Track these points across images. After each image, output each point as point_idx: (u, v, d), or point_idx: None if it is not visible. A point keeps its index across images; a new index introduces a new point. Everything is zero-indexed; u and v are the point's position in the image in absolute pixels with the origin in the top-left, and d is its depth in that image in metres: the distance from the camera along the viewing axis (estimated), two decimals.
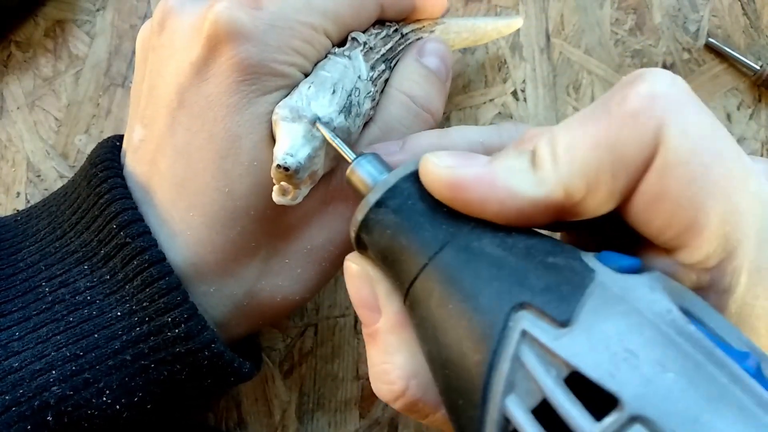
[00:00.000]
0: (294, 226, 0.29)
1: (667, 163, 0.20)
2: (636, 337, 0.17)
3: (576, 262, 0.20)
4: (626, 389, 0.17)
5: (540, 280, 0.19)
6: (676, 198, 0.20)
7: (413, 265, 0.21)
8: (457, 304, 0.20)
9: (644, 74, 0.21)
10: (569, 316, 0.18)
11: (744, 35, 0.38)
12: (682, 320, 0.18)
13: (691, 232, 0.20)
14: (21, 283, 0.27)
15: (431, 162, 0.22)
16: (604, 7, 0.39)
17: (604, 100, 0.22)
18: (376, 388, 0.24)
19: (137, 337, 0.26)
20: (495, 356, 0.19)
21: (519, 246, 0.21)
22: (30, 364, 0.25)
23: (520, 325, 0.19)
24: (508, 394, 0.18)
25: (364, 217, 0.23)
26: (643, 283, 0.19)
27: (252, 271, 0.28)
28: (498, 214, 0.21)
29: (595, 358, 0.17)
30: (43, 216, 0.30)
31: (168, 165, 0.28)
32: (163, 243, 0.27)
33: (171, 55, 0.28)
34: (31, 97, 0.40)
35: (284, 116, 0.26)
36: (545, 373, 0.18)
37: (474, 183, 0.21)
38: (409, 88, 0.30)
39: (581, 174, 0.21)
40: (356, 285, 0.24)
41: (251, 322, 0.30)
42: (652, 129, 0.20)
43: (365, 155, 0.24)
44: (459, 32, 0.35)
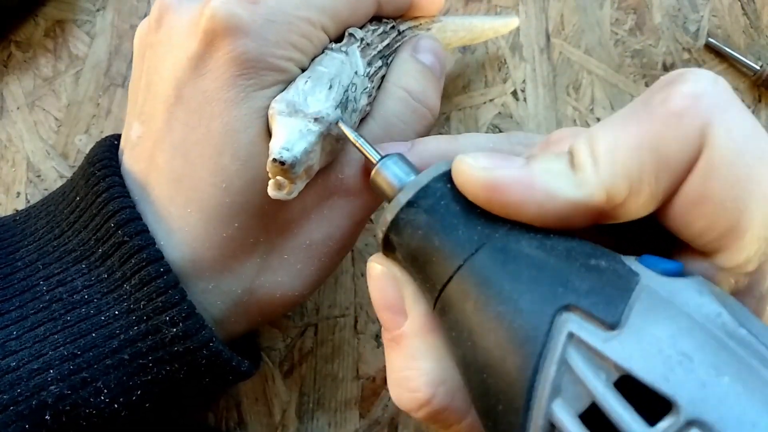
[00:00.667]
0: (292, 221, 0.29)
1: (712, 164, 0.20)
2: (689, 341, 0.17)
3: (619, 265, 0.20)
4: (682, 393, 0.16)
5: (584, 282, 0.19)
6: (719, 200, 0.20)
7: (447, 266, 0.21)
8: (496, 306, 0.19)
9: (686, 74, 0.21)
10: (618, 318, 0.18)
11: (744, 35, 0.38)
12: (732, 324, 0.18)
13: (733, 234, 0.20)
14: (18, 282, 0.27)
15: (466, 163, 0.21)
16: (604, 7, 0.39)
17: (644, 100, 0.21)
18: (397, 395, 0.23)
19: (135, 336, 0.26)
20: (540, 359, 0.18)
21: (559, 248, 0.20)
22: (27, 364, 0.25)
23: (566, 327, 0.18)
24: (555, 399, 0.18)
25: (395, 217, 0.22)
26: (690, 286, 0.19)
27: (250, 267, 0.28)
28: (536, 217, 0.21)
29: (647, 362, 0.17)
30: (41, 215, 0.30)
31: (165, 161, 0.28)
32: (160, 240, 0.27)
33: (168, 51, 0.28)
34: (31, 97, 0.40)
35: (281, 110, 0.26)
36: (594, 376, 0.17)
37: (512, 185, 0.21)
38: (406, 84, 0.30)
39: (624, 175, 0.20)
40: (381, 286, 0.24)
41: (250, 318, 0.30)
42: (697, 129, 0.20)
43: (390, 156, 0.24)
44: (456, 31, 0.35)
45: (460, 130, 0.38)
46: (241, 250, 0.28)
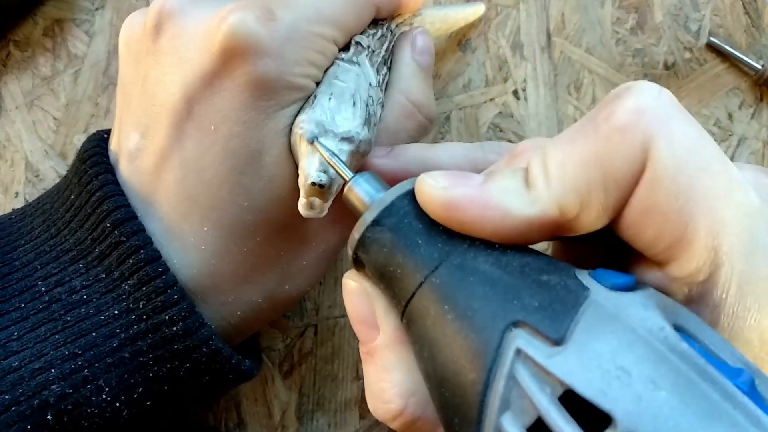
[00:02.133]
0: (311, 232, 0.29)
1: (655, 176, 0.20)
2: (628, 355, 0.17)
3: (570, 279, 0.20)
4: (618, 407, 0.17)
5: (534, 299, 0.19)
6: (664, 211, 0.20)
7: (410, 283, 0.21)
8: (452, 322, 0.20)
9: (630, 88, 0.21)
10: (563, 334, 0.18)
11: (745, 34, 0.38)
12: (674, 338, 0.18)
13: (681, 245, 0.21)
14: (17, 282, 0.27)
15: (427, 182, 0.22)
16: (605, 6, 0.39)
17: (591, 116, 0.22)
18: (373, 407, 0.23)
19: (135, 335, 0.26)
20: (490, 374, 0.19)
21: (513, 264, 0.21)
22: (29, 363, 0.25)
23: (514, 343, 0.19)
24: (504, 412, 0.18)
25: (361, 235, 0.23)
26: (637, 300, 0.19)
27: (272, 278, 0.29)
28: (493, 234, 0.21)
29: (587, 376, 0.17)
30: (37, 214, 0.30)
31: (176, 179, 0.27)
32: (174, 256, 0.27)
33: (174, 63, 0.27)
34: (29, 96, 0.40)
35: (311, 131, 0.26)
36: (540, 391, 0.18)
37: (469, 203, 0.21)
38: (415, 97, 0.31)
39: (573, 191, 0.21)
40: (354, 302, 0.24)
41: (266, 320, 0.30)
42: (639, 143, 0.20)
43: (363, 174, 0.24)
44: (433, 23, 0.35)
45: (461, 129, 0.38)
46: (262, 264, 0.28)
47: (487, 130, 0.38)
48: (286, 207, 0.27)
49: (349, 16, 0.29)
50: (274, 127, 0.27)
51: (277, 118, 0.27)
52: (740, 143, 0.37)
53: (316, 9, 0.27)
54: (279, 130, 0.27)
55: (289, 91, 0.27)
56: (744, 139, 0.37)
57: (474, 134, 0.38)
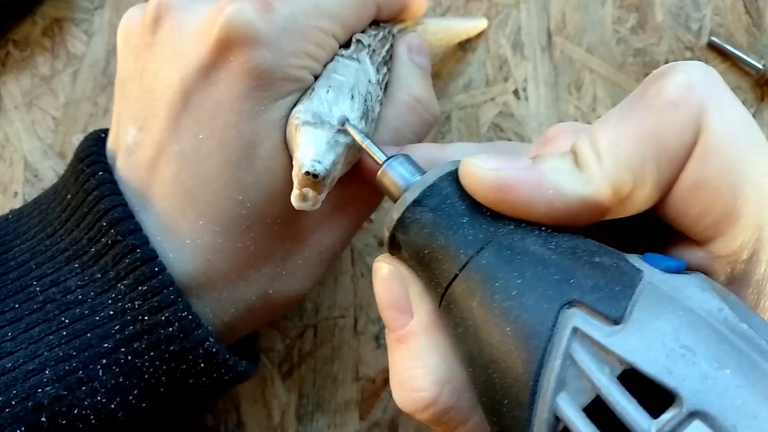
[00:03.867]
0: (307, 229, 0.29)
1: (708, 149, 0.20)
2: (691, 334, 0.17)
3: (622, 262, 0.20)
4: (685, 385, 0.16)
5: (589, 279, 0.19)
6: (715, 185, 0.20)
7: (452, 264, 0.21)
8: (502, 302, 0.20)
9: (678, 65, 0.22)
10: (621, 313, 0.18)
11: (746, 34, 0.38)
12: (734, 319, 0.18)
13: (728, 220, 0.21)
14: (12, 283, 0.27)
15: (473, 164, 0.22)
16: (605, 6, 0.39)
17: (639, 94, 0.22)
18: (402, 397, 0.23)
19: (130, 336, 0.26)
20: (545, 354, 0.18)
21: (563, 246, 0.20)
22: (23, 365, 0.25)
23: (571, 322, 0.18)
24: (559, 392, 0.18)
25: (401, 216, 0.22)
26: (693, 282, 0.19)
27: (266, 275, 0.28)
28: (545, 215, 0.21)
29: (651, 355, 0.17)
30: (34, 214, 0.30)
31: (173, 172, 0.27)
32: (169, 251, 0.27)
33: (172, 56, 0.27)
34: (28, 96, 0.40)
35: (306, 121, 0.26)
36: (599, 370, 0.18)
37: (521, 184, 0.21)
38: (416, 93, 0.31)
39: (627, 168, 0.21)
40: (388, 286, 0.24)
41: (260, 321, 0.30)
42: (693, 117, 0.20)
43: (396, 157, 0.24)
44: (435, 33, 0.36)
45: (461, 129, 0.38)
46: (256, 259, 0.28)
47: (487, 130, 0.38)
48: (281, 201, 0.26)
49: (348, 12, 0.29)
50: (270, 119, 0.26)
51: (273, 109, 0.27)
52: None
53: (314, 3, 0.27)
54: (274, 122, 0.27)
55: (285, 82, 0.26)
56: None
57: (474, 134, 0.38)
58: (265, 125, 0.26)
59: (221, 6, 0.26)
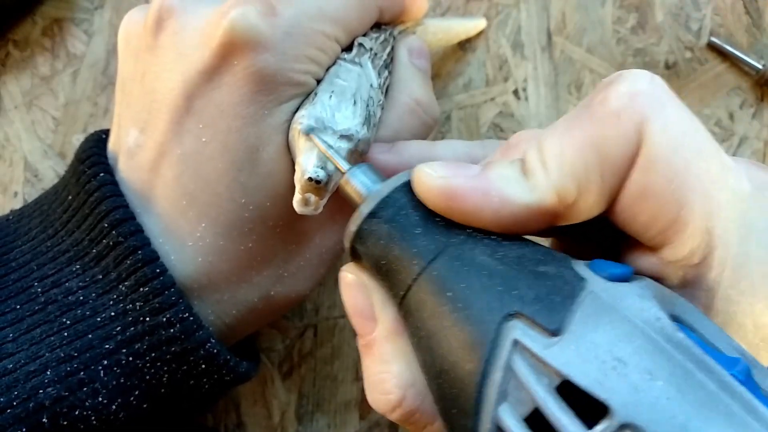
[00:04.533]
0: (309, 231, 0.29)
1: (650, 159, 0.21)
2: (625, 346, 0.18)
3: (567, 270, 0.20)
4: (615, 397, 0.17)
5: (531, 290, 0.19)
6: (659, 193, 0.21)
7: (407, 275, 0.21)
8: (449, 313, 0.20)
9: (623, 74, 0.22)
10: (560, 325, 0.18)
11: (746, 34, 0.38)
12: (671, 328, 0.18)
13: (675, 227, 0.21)
14: (13, 284, 0.27)
15: (425, 172, 0.22)
16: (605, 6, 0.39)
17: (586, 103, 0.22)
18: (372, 399, 0.23)
19: (132, 337, 0.26)
20: (487, 365, 0.19)
21: (510, 255, 0.21)
22: (24, 366, 0.25)
23: (511, 334, 0.19)
24: (501, 403, 0.18)
25: (358, 228, 0.23)
26: (633, 291, 0.19)
27: (268, 277, 0.28)
28: (492, 222, 0.21)
29: (584, 367, 0.17)
30: (35, 215, 0.30)
31: (175, 174, 0.27)
32: (171, 252, 0.27)
33: (174, 59, 0.27)
34: (28, 96, 0.40)
35: (310, 127, 0.26)
36: (537, 381, 0.18)
37: (468, 192, 0.21)
38: (418, 96, 0.31)
39: (571, 177, 0.21)
40: (352, 294, 0.24)
41: (262, 321, 0.30)
42: (634, 126, 0.21)
43: (359, 165, 0.24)
44: (435, 33, 0.36)
45: (461, 129, 0.38)
46: (258, 261, 0.28)
47: (487, 130, 0.38)
48: (283, 204, 0.26)
49: (351, 16, 0.29)
50: (273, 123, 0.27)
51: (276, 113, 0.27)
52: (741, 143, 0.37)
53: (318, 6, 0.27)
54: (277, 126, 0.27)
55: (288, 86, 0.27)
56: (745, 138, 0.37)
57: (474, 134, 0.38)
58: (268, 129, 0.26)
59: (225, 9, 0.26)
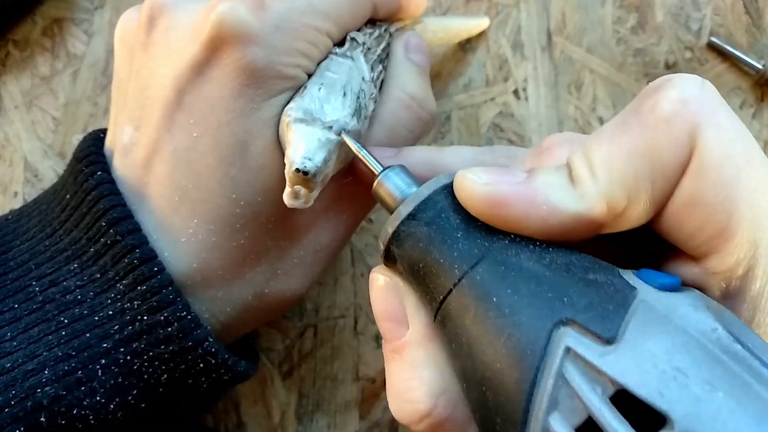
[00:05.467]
0: (302, 227, 0.29)
1: (702, 166, 0.20)
2: (684, 356, 0.17)
3: (617, 279, 0.20)
4: (676, 408, 0.16)
5: (582, 297, 0.19)
6: (709, 202, 0.20)
7: (447, 279, 0.21)
8: (495, 319, 0.19)
9: (673, 79, 0.21)
10: (614, 333, 0.18)
11: (746, 34, 0.38)
12: (727, 339, 0.18)
13: (723, 237, 0.20)
14: (11, 283, 0.27)
15: (468, 178, 0.22)
16: (605, 6, 0.39)
17: (633, 109, 0.22)
18: (398, 407, 0.23)
19: (129, 336, 0.26)
20: (538, 373, 0.18)
21: (558, 262, 0.20)
22: (22, 365, 0.25)
23: (563, 341, 0.18)
24: (551, 412, 0.18)
25: (396, 229, 0.22)
26: (686, 301, 0.19)
27: (261, 273, 0.28)
28: (539, 231, 0.21)
29: (643, 377, 0.17)
30: (33, 214, 0.30)
31: (167, 171, 0.27)
32: (165, 249, 0.27)
33: (166, 54, 0.27)
34: (28, 96, 0.40)
35: (298, 119, 0.26)
36: (591, 390, 0.18)
37: (515, 199, 0.21)
38: (411, 90, 0.30)
39: (621, 184, 0.21)
40: (384, 297, 0.24)
41: (257, 320, 0.30)
42: (687, 133, 0.20)
43: (392, 168, 0.24)
44: (435, 31, 0.35)
45: (461, 129, 0.38)
46: (251, 258, 0.28)
47: (487, 130, 0.38)
48: (275, 200, 0.26)
49: (343, 10, 0.28)
50: (262, 117, 0.26)
51: (266, 107, 0.26)
52: None
53: (308, 1, 0.27)
54: (267, 120, 0.27)
55: (277, 80, 0.26)
56: None
57: (474, 134, 0.38)
58: (258, 123, 0.26)
59: (214, 4, 0.26)
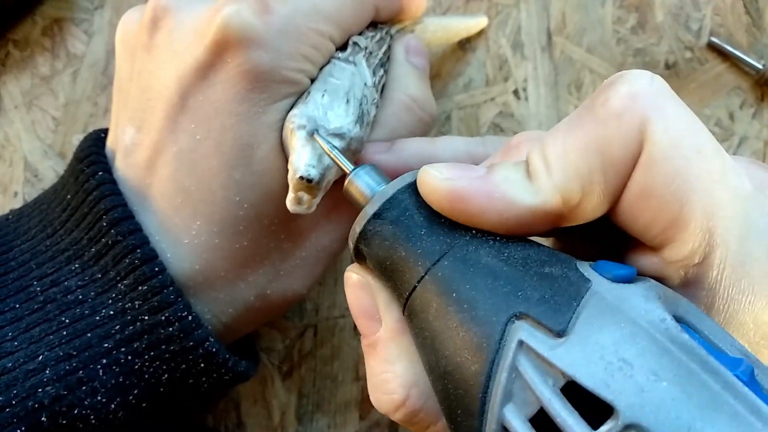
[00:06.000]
0: (304, 229, 0.29)
1: (652, 158, 0.21)
2: (630, 347, 0.18)
3: (572, 271, 0.20)
4: (621, 398, 0.17)
5: (536, 291, 0.20)
6: (661, 193, 0.21)
7: (411, 276, 0.21)
8: (454, 314, 0.20)
9: (624, 75, 0.22)
10: (565, 326, 0.19)
11: (746, 34, 0.38)
12: (675, 329, 0.18)
13: (676, 227, 0.21)
14: (12, 283, 0.27)
15: (430, 174, 0.22)
16: (605, 6, 0.39)
17: (588, 105, 0.22)
18: (376, 399, 0.23)
19: (130, 336, 0.26)
20: (493, 366, 0.19)
21: (515, 256, 0.21)
22: (23, 365, 0.25)
23: (517, 335, 0.19)
24: (506, 404, 0.19)
25: (362, 228, 0.23)
26: (638, 292, 0.19)
27: (263, 275, 0.28)
28: (497, 224, 0.21)
29: (590, 368, 0.18)
30: (34, 214, 0.30)
31: (170, 172, 0.27)
32: (167, 250, 0.27)
33: (169, 57, 0.27)
34: (28, 96, 0.40)
35: (302, 125, 0.26)
36: (542, 382, 0.18)
37: (473, 194, 0.21)
38: (412, 93, 0.31)
39: (575, 178, 0.21)
40: (357, 294, 0.24)
41: (258, 320, 0.30)
42: (636, 126, 0.21)
43: (363, 166, 0.24)
44: (435, 31, 0.36)
45: (461, 129, 0.38)
46: (253, 260, 0.28)
47: (487, 130, 0.38)
48: (277, 203, 0.27)
49: (346, 14, 0.29)
50: (266, 121, 0.27)
51: (270, 111, 0.27)
52: (741, 143, 0.37)
53: (312, 4, 0.27)
54: (271, 124, 0.27)
55: (282, 84, 0.27)
56: (745, 138, 0.37)
57: (474, 134, 0.38)
58: (261, 127, 0.26)
59: (219, 7, 0.26)
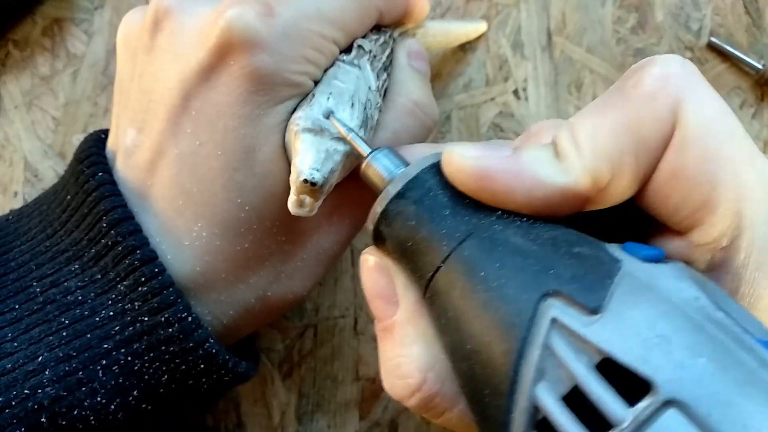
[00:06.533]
0: (306, 231, 0.29)
1: (684, 139, 0.21)
2: (667, 323, 0.18)
3: (602, 252, 0.20)
4: (660, 373, 0.17)
5: (568, 269, 0.19)
6: (692, 174, 0.21)
7: (435, 255, 0.21)
8: (482, 293, 0.20)
9: (655, 59, 0.22)
10: (599, 303, 0.18)
11: (747, 34, 0.38)
12: (710, 307, 0.18)
13: (706, 209, 0.21)
14: (12, 284, 0.27)
15: (456, 153, 0.22)
16: (605, 5, 0.39)
17: (618, 87, 0.22)
18: (390, 384, 0.23)
19: (130, 337, 0.26)
20: (524, 344, 0.19)
21: (543, 236, 0.21)
22: (23, 366, 0.25)
23: (549, 313, 0.19)
24: (538, 382, 0.18)
25: (384, 209, 0.23)
26: (670, 272, 0.19)
27: (265, 277, 0.28)
28: (523, 204, 0.21)
29: (627, 344, 0.17)
30: (34, 215, 0.30)
31: (171, 174, 0.27)
32: (168, 252, 0.27)
33: (172, 59, 0.27)
34: (28, 96, 0.40)
35: (306, 128, 0.26)
36: (576, 359, 0.18)
37: (501, 173, 0.21)
38: (416, 97, 0.31)
39: (605, 159, 0.21)
40: (374, 277, 0.24)
41: (259, 322, 0.30)
42: (669, 108, 0.21)
43: (380, 149, 0.24)
44: (435, 35, 0.36)
45: (461, 129, 0.38)
46: (255, 262, 0.28)
47: (487, 130, 0.38)
48: (279, 205, 0.26)
49: (350, 17, 0.28)
50: (269, 123, 0.26)
51: (272, 114, 0.26)
52: None
53: (316, 7, 0.27)
54: (273, 126, 0.27)
55: (285, 87, 0.26)
56: None
57: (474, 134, 0.38)
58: (264, 130, 0.26)
59: (222, 9, 0.26)
